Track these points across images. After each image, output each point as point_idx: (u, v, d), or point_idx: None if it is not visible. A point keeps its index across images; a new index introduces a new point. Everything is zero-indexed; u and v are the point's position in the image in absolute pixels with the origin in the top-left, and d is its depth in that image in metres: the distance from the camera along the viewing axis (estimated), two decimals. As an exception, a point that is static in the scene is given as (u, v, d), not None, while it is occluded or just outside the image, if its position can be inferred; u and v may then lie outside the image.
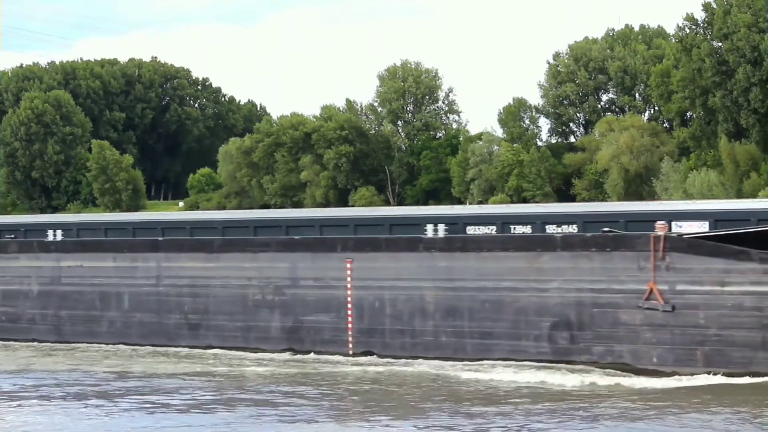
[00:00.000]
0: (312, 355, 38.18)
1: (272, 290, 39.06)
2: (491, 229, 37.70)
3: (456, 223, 38.25)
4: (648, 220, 34.89)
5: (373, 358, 37.33)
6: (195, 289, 40.31)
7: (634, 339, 34.05)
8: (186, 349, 40.00)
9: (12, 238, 44.73)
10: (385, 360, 37.03)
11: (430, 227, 37.86)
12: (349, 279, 38.22)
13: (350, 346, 38.09)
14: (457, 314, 36.78)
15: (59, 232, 43.90)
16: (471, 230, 37.99)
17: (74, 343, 42.02)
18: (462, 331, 36.70)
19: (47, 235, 44.00)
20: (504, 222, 37.73)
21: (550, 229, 36.85)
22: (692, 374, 32.81)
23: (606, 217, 36.63)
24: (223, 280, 39.83)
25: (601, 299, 34.64)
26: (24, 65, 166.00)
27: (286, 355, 38.37)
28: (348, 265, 38.19)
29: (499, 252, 36.39)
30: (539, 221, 37.26)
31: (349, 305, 38.24)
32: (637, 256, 33.95)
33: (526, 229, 37.23)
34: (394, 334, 37.61)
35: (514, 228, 37.44)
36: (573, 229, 36.47)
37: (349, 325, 38.20)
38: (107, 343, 41.48)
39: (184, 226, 42.38)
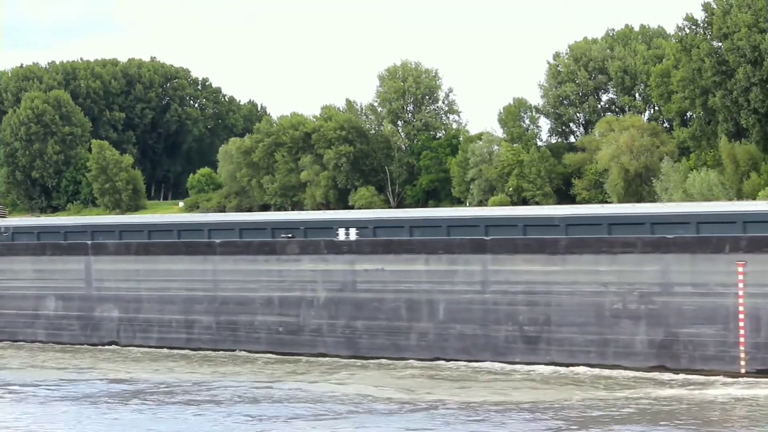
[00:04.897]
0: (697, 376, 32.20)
1: (637, 298, 33.26)
2: None
3: None
4: None
5: None
6: (533, 297, 34.38)
7: None
8: (523, 366, 34.11)
9: (289, 237, 38.72)
10: None
11: None
12: (741, 285, 32.46)
13: (742, 363, 32.35)
14: None
15: (353, 231, 37.64)
16: None
17: (373, 358, 35.98)
18: None
19: (337, 234, 37.80)
20: None
21: None
22: None
23: None
24: (570, 285, 33.99)
25: None
26: (24, 65, 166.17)
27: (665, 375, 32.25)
28: (740, 269, 32.40)
29: None
30: None
31: (742, 315, 32.51)
32: None
33: None
34: None
35: None
36: None
37: (741, 339, 32.48)
38: (417, 359, 35.43)
39: (515, 224, 36.00)
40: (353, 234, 37.54)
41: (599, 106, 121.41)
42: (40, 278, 41.73)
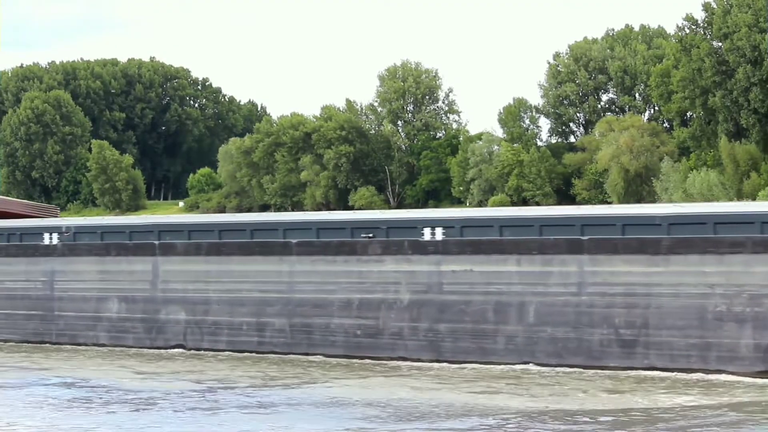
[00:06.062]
0: None
1: (745, 300, 31.56)
2: None
3: None
4: None
5: None
6: (631, 299, 32.72)
7: None
8: (619, 372, 32.42)
9: (370, 237, 36.98)
10: None
11: None
12: None
13: None
14: None
15: (439, 230, 35.93)
16: None
17: (456, 362, 34.48)
18: None
19: (422, 234, 36.11)
20: None
21: None
22: None
23: None
24: (672, 287, 32.32)
25: None
26: (24, 65, 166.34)
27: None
28: None
29: None
30: None
31: None
32: None
33: None
34: None
35: None
36: None
37: None
38: (504, 363, 33.88)
39: (613, 223, 34.02)
40: (439, 234, 35.75)
41: (599, 106, 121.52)
42: (104, 279, 39.78)
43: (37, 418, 26.45)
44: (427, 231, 35.64)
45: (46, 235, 41.24)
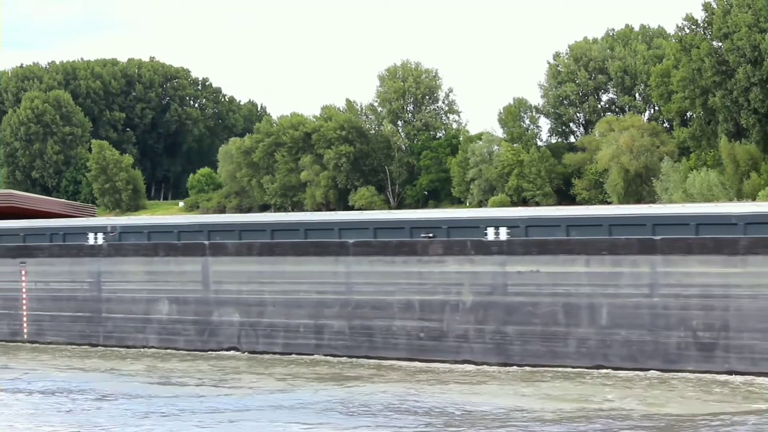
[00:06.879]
0: None
1: None
2: None
3: None
4: None
5: None
6: (708, 300, 31.82)
7: None
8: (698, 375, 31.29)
9: (430, 237, 35.92)
10: None
11: None
12: None
13: None
14: None
15: (503, 230, 34.90)
16: None
17: (525, 366, 33.52)
18: None
19: (485, 234, 35.07)
20: None
21: None
22: None
23: None
24: (751, 288, 31.35)
25: None
26: (24, 65, 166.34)
27: None
28: None
29: None
30: None
31: None
32: None
33: None
34: None
35: None
36: None
37: None
38: (576, 367, 32.83)
39: (686, 222, 32.98)
40: (503, 233, 34.78)
41: (599, 106, 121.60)
42: (151, 280, 38.82)
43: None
44: (490, 231, 34.72)
45: (91, 235, 40.30)
